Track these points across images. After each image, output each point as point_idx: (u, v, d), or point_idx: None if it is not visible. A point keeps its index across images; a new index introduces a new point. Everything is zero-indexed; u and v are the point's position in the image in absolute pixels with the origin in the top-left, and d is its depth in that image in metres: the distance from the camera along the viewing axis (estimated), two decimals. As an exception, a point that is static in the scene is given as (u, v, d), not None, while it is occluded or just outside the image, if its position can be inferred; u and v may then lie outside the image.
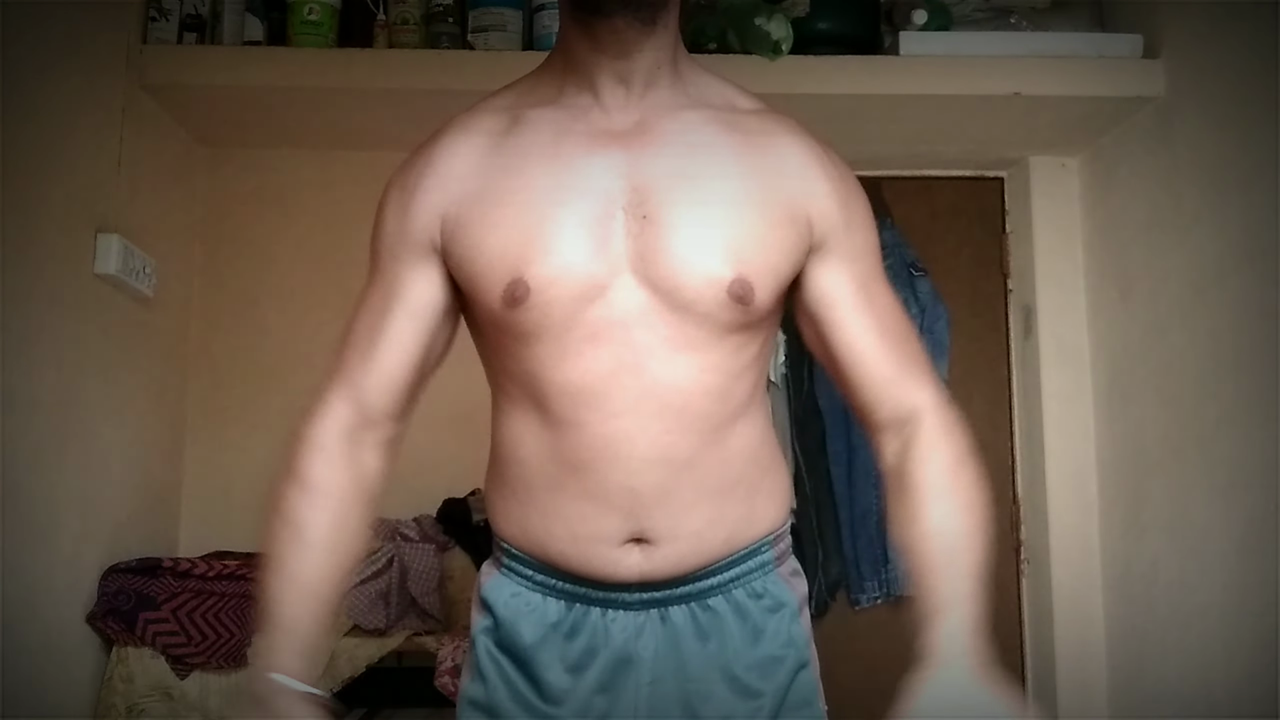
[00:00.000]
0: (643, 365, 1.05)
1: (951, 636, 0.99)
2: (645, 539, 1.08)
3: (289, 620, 1.03)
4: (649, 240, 1.04)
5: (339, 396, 1.10)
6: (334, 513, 1.07)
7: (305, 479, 1.08)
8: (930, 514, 1.05)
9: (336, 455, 1.09)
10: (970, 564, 1.03)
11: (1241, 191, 2.11)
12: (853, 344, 1.10)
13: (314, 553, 1.05)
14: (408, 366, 1.10)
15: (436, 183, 1.08)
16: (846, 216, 1.10)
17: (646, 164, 1.06)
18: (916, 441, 1.08)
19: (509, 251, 1.04)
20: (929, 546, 1.04)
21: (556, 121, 1.09)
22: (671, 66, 1.11)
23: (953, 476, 1.07)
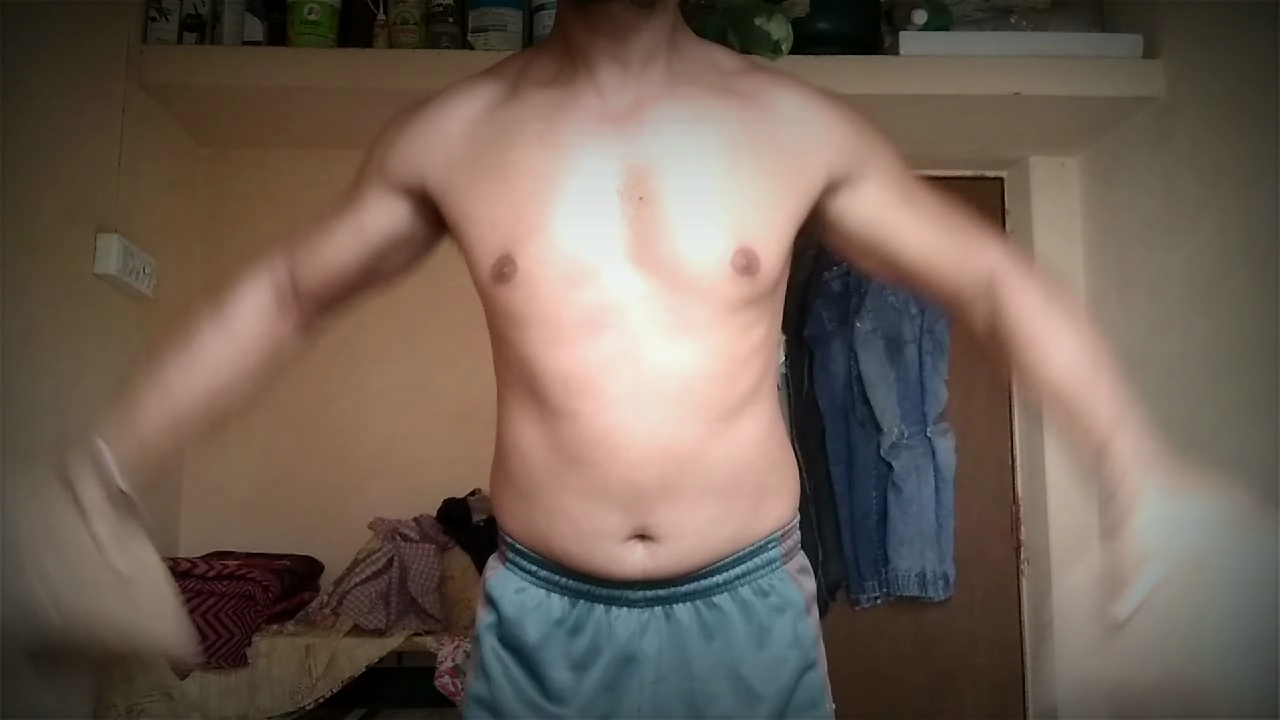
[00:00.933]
0: (640, 352, 1.04)
1: (1136, 453, 0.99)
2: (648, 536, 1.07)
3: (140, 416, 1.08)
4: (647, 221, 1.03)
5: (279, 262, 1.18)
6: (234, 347, 1.14)
7: (223, 310, 1.15)
8: (1054, 353, 1.06)
9: (257, 300, 1.17)
10: (1112, 382, 1.05)
11: (1241, 191, 2.11)
12: (919, 250, 1.13)
13: (198, 374, 1.12)
14: (340, 270, 1.17)
15: (427, 140, 1.12)
16: (863, 141, 1.11)
17: (643, 145, 1.06)
18: (1007, 295, 1.10)
19: (498, 227, 1.05)
20: (1070, 384, 1.05)
21: (552, 100, 1.09)
22: (669, 46, 1.11)
23: (1055, 312, 1.09)
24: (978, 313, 1.13)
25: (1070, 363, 1.06)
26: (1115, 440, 1.00)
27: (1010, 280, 1.10)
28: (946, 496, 2.72)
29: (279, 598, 2.31)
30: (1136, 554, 0.93)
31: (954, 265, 1.13)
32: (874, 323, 2.75)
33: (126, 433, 1.07)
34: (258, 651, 2.21)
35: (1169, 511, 0.94)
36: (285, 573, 2.37)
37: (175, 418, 1.10)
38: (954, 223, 1.14)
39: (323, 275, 1.17)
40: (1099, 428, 1.02)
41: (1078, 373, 1.05)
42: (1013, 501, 2.83)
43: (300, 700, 2.19)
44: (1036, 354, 1.07)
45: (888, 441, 2.71)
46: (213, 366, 1.12)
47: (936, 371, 2.76)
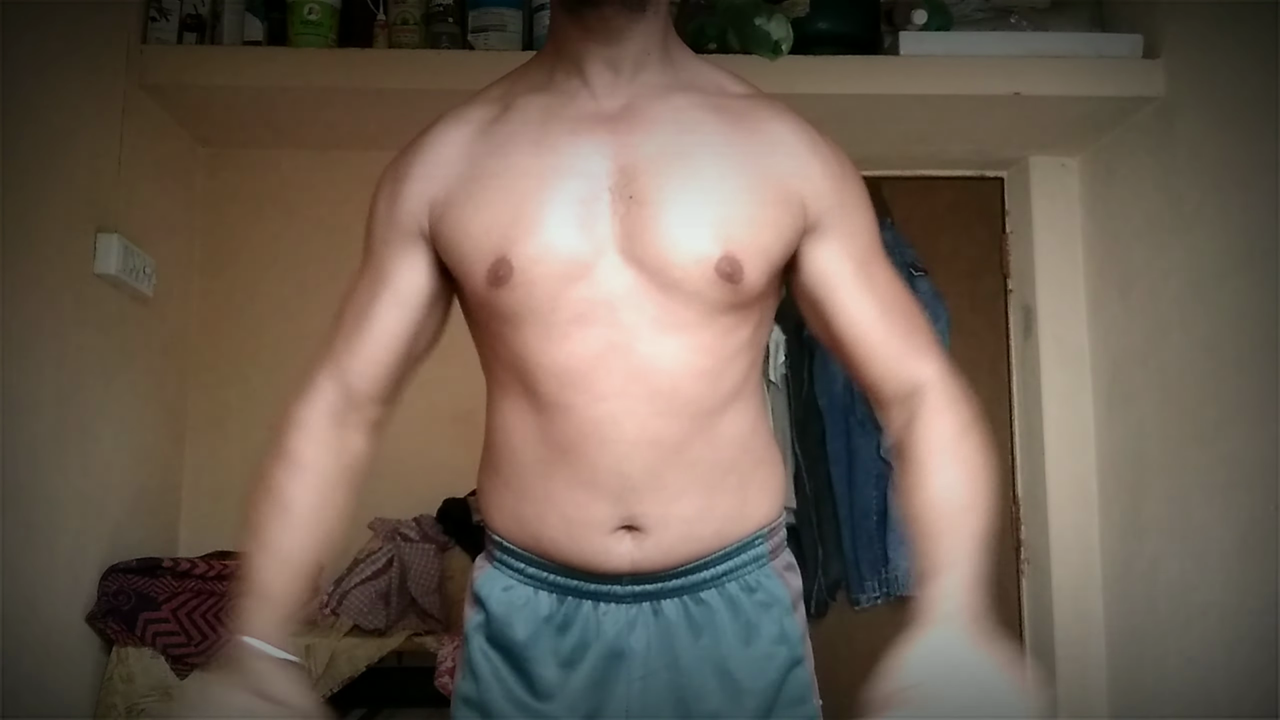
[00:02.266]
0: (630, 346, 1.04)
1: (947, 595, 0.99)
2: (636, 526, 1.08)
3: (268, 589, 1.05)
4: (635, 220, 1.04)
5: (326, 378, 1.13)
6: (318, 490, 1.10)
7: (292, 457, 1.10)
8: (932, 483, 1.06)
9: (322, 435, 1.12)
10: (971, 527, 1.04)
11: (1241, 191, 2.11)
12: (855, 324, 1.10)
13: (297, 527, 1.08)
14: (393, 351, 1.13)
15: (425, 171, 1.10)
16: (841, 196, 1.10)
17: (633, 146, 1.06)
18: (920, 415, 1.09)
19: (493, 231, 1.05)
20: (930, 514, 1.04)
21: (545, 106, 1.10)
22: (661, 51, 1.11)
23: (955, 446, 1.08)
24: (893, 418, 1.12)
25: (940, 497, 1.05)
26: (939, 575, 1.01)
27: (932, 402, 1.09)
28: (946, 496, 2.72)
29: (279, 598, 2.31)
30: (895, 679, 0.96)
31: (884, 360, 1.11)
32: (874, 323, 2.74)
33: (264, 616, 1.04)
34: (258, 651, 2.21)
35: (943, 653, 0.96)
36: (285, 573, 2.36)
37: (297, 573, 1.08)
38: (902, 319, 1.11)
39: (376, 368, 1.13)
40: (933, 560, 1.02)
41: (942, 507, 1.05)
42: (1013, 501, 2.83)
43: (300, 700, 2.19)
44: (918, 479, 1.07)
45: (888, 441, 2.71)
46: (306, 515, 1.09)
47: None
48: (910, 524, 1.07)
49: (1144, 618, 2.46)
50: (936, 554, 1.02)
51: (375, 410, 1.15)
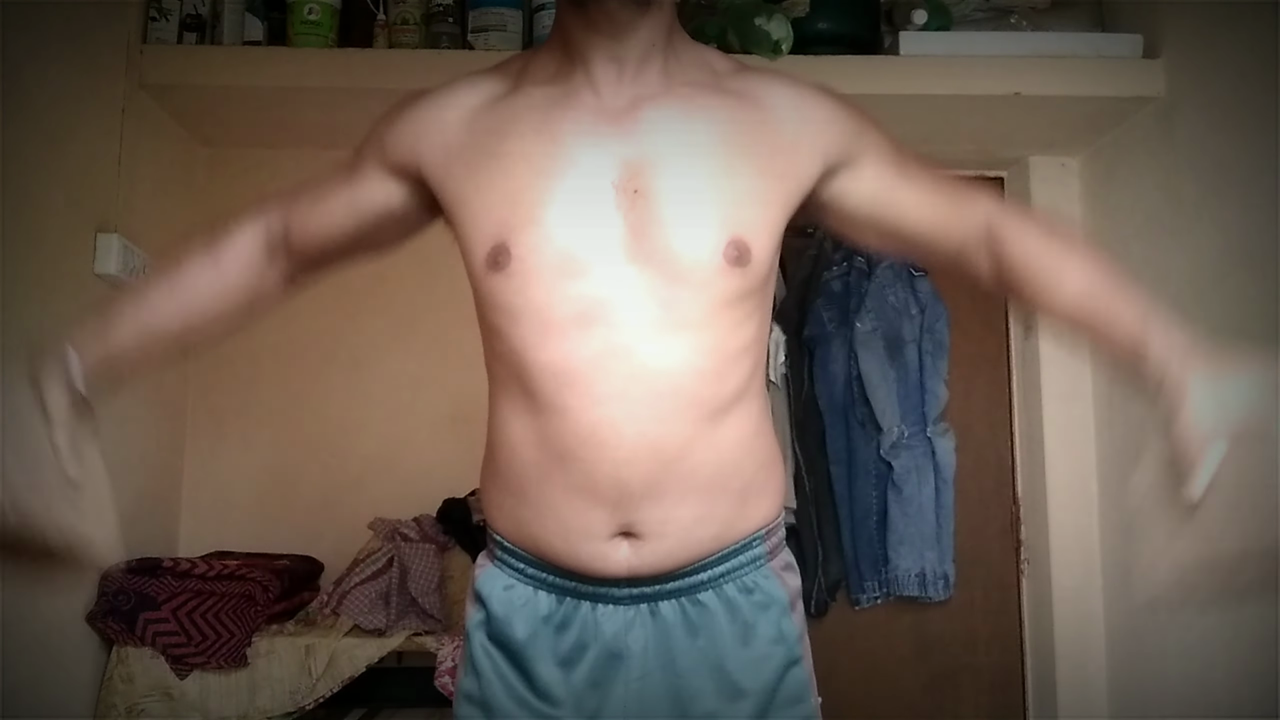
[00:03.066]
0: (631, 347, 1.04)
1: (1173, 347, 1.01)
2: (633, 533, 1.07)
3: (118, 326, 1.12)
4: (641, 214, 1.04)
5: (275, 213, 1.22)
6: (216, 281, 1.18)
7: (215, 247, 1.20)
8: (1066, 276, 1.11)
9: (247, 247, 1.20)
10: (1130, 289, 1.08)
11: (1241, 191, 2.11)
12: (920, 218, 1.17)
13: (182, 301, 1.16)
14: (331, 233, 1.20)
15: (427, 127, 1.14)
16: (856, 126, 1.15)
17: (638, 141, 1.07)
18: (1007, 240, 1.14)
19: (492, 214, 1.07)
20: (1089, 297, 1.09)
21: (549, 97, 1.11)
22: (666, 46, 1.12)
23: (1056, 243, 1.13)
24: (983, 263, 1.17)
25: (1085, 280, 1.09)
26: (1149, 339, 1.03)
27: (1007, 224, 1.15)
28: (946, 496, 2.72)
29: (279, 598, 2.31)
30: (1197, 437, 0.94)
31: (953, 225, 1.17)
32: (874, 323, 2.75)
33: (98, 341, 1.11)
34: (258, 651, 2.21)
35: (1218, 391, 0.96)
36: (285, 573, 2.37)
37: (148, 334, 1.15)
38: (947, 186, 1.19)
39: (313, 236, 1.21)
40: (1129, 332, 1.05)
41: (1094, 288, 1.09)
42: (1013, 501, 2.83)
43: (300, 700, 2.20)
44: (1050, 280, 1.11)
45: (888, 441, 2.71)
46: (194, 295, 1.17)
47: (936, 371, 2.76)
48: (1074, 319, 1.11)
49: (1144, 618, 2.46)
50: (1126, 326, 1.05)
51: (297, 263, 1.22)
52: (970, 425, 2.83)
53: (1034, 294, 1.13)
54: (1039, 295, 1.13)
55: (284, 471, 2.67)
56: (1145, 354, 1.02)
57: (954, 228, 1.17)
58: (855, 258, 2.81)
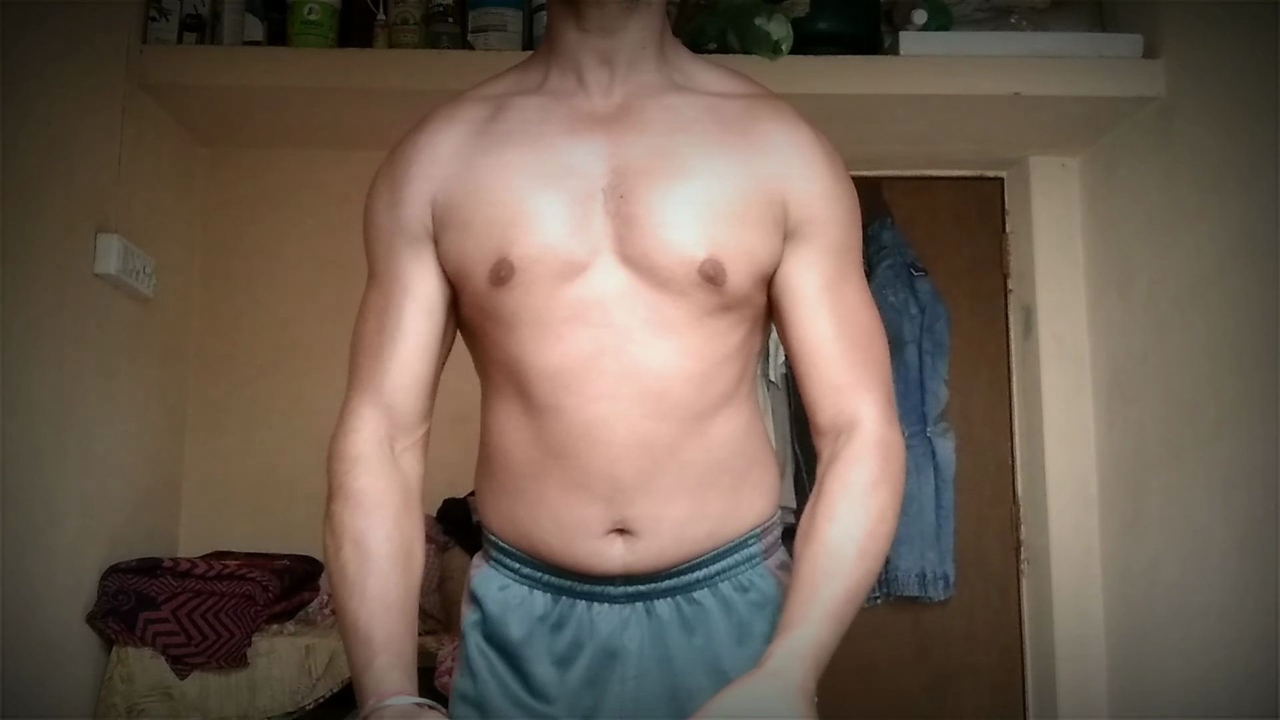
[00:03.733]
0: (622, 348, 1.05)
1: (789, 652, 0.95)
2: (627, 529, 1.08)
3: (384, 640, 1.01)
4: (626, 219, 1.04)
5: (367, 406, 1.10)
6: (392, 524, 1.05)
7: (355, 496, 1.05)
8: (827, 531, 1.02)
9: (378, 466, 1.07)
10: (842, 588, 0.99)
11: (1241, 191, 2.11)
12: (806, 341, 1.08)
13: (384, 567, 1.03)
14: (427, 362, 1.10)
15: (423, 170, 1.09)
16: (826, 208, 1.08)
17: (627, 146, 1.06)
18: (843, 454, 1.05)
19: (494, 232, 1.05)
20: (811, 563, 1.01)
21: (540, 106, 1.10)
22: (657, 48, 1.11)
23: (863, 498, 1.03)
24: (822, 448, 1.09)
25: (827, 550, 1.01)
26: (791, 630, 0.97)
27: (858, 446, 1.05)
28: (946, 496, 2.72)
29: (279, 598, 2.31)
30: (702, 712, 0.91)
31: (825, 386, 1.07)
32: (874, 323, 2.74)
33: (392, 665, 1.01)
34: (258, 651, 2.21)
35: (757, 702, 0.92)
36: (285, 573, 2.37)
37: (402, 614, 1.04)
38: (857, 349, 1.08)
39: (415, 384, 1.10)
40: (794, 614, 0.98)
41: (825, 560, 1.01)
42: (1013, 501, 2.83)
43: (300, 700, 2.20)
44: (816, 522, 1.03)
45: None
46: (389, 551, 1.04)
47: (936, 371, 2.76)
48: (795, 562, 1.03)
49: (1144, 618, 2.46)
50: (800, 606, 0.99)
51: (421, 428, 1.12)
52: (970, 425, 2.83)
53: (806, 514, 1.05)
54: (805, 518, 1.05)
55: (284, 471, 2.66)
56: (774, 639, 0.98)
57: (825, 389, 1.07)
58: (855, 258, 2.81)
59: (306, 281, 2.74)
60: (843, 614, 0.99)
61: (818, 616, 0.98)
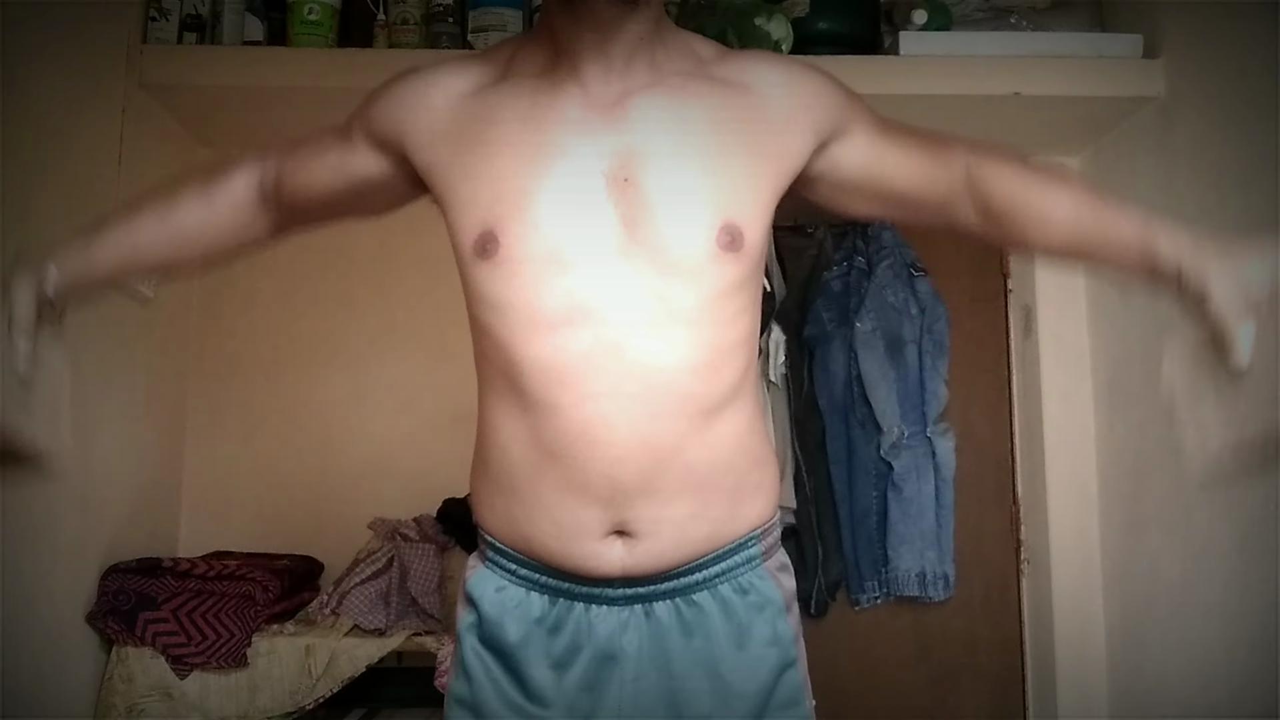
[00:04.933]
0: (622, 343, 1.04)
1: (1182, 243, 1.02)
2: (627, 532, 1.07)
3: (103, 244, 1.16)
4: (632, 204, 1.04)
5: (270, 163, 1.23)
6: (205, 213, 1.20)
7: (210, 183, 1.21)
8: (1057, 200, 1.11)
9: (240, 188, 1.21)
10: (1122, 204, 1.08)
11: (1241, 192, 2.11)
12: (909, 175, 1.18)
13: (165, 222, 1.19)
14: (319, 191, 1.21)
15: (408, 104, 1.14)
16: (842, 99, 1.17)
17: (627, 131, 1.07)
18: (989, 177, 1.14)
19: (478, 202, 1.06)
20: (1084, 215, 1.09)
21: (537, 89, 1.11)
22: (653, 39, 1.12)
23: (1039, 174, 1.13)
24: (969, 211, 1.17)
25: (1075, 204, 1.10)
26: (1156, 240, 1.04)
27: (986, 168, 1.15)
28: (946, 496, 2.72)
29: (279, 598, 2.31)
30: (1233, 309, 0.97)
31: (939, 179, 1.17)
32: (874, 323, 2.75)
33: (80, 255, 1.15)
34: (258, 651, 2.21)
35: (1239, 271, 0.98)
36: (285, 573, 2.37)
37: (131, 256, 1.18)
38: (926, 143, 1.19)
39: (302, 191, 1.21)
40: (1133, 239, 1.05)
41: (1086, 209, 1.09)
42: (1013, 501, 2.83)
43: (300, 700, 2.20)
44: (1038, 213, 1.11)
45: (888, 441, 2.71)
46: (182, 226, 1.19)
47: (936, 371, 2.76)
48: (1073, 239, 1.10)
49: (1144, 618, 2.46)
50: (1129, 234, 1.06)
51: (285, 214, 1.23)
52: (970, 425, 2.83)
53: (1024, 231, 1.13)
54: (1030, 231, 1.13)
55: (284, 471, 2.67)
56: (1155, 252, 1.03)
57: (939, 182, 1.17)
58: (855, 258, 2.81)
59: (307, 281, 2.74)
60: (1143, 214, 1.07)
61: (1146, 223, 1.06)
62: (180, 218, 1.20)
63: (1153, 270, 1.04)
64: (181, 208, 1.20)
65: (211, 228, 1.21)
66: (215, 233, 1.22)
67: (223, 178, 1.22)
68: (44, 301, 1.09)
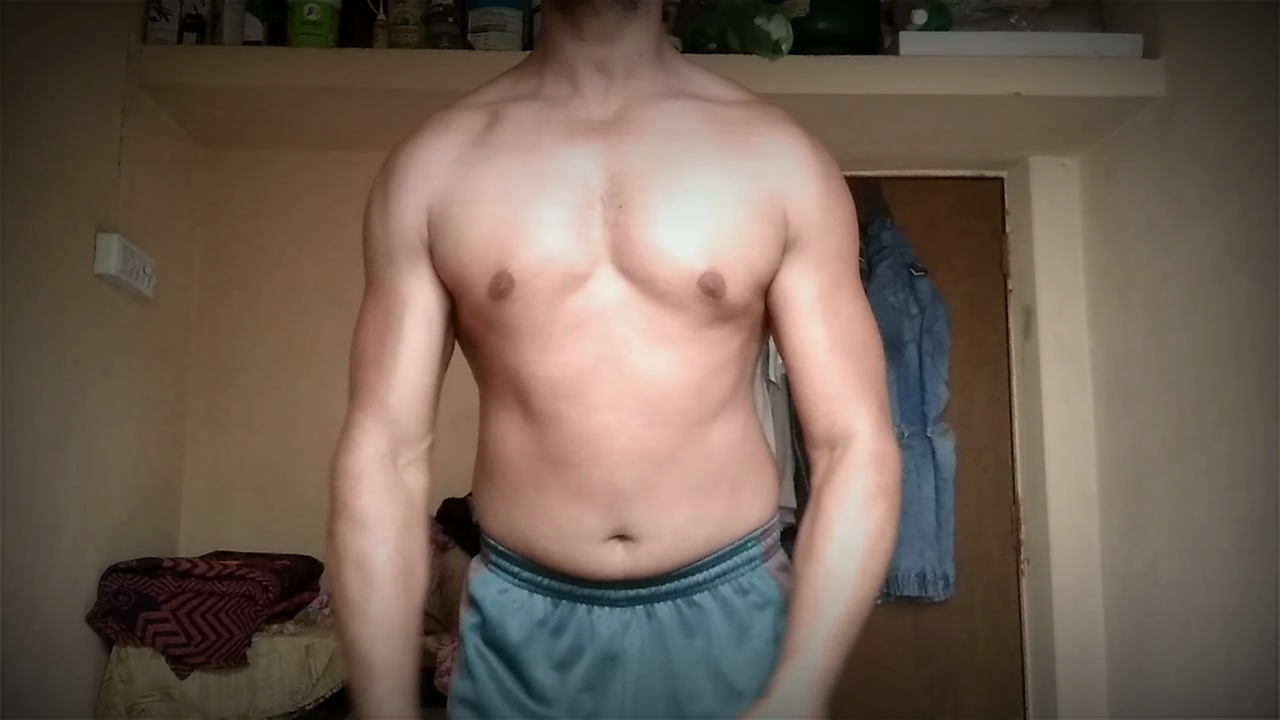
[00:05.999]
0: (622, 358, 1.04)
1: (796, 681, 0.99)
2: (628, 536, 1.08)
3: (384, 663, 1.03)
4: (624, 229, 1.03)
5: (369, 419, 1.09)
6: (394, 543, 1.06)
7: (358, 515, 1.06)
8: (826, 551, 1.03)
9: (381, 483, 1.08)
10: (843, 612, 1.02)
11: (1241, 191, 2.11)
12: (799, 350, 1.08)
13: (387, 589, 1.05)
14: (428, 372, 1.10)
15: (417, 181, 1.08)
16: (823, 217, 1.07)
17: (625, 153, 1.05)
18: (839, 469, 1.06)
19: (491, 245, 1.04)
20: (812, 584, 1.03)
21: (536, 114, 1.09)
22: (654, 55, 1.10)
23: (860, 514, 1.04)
24: (815, 460, 1.10)
25: (827, 570, 1.03)
26: (795, 657, 1.01)
27: (853, 459, 1.06)
28: (946, 496, 2.72)
29: (279, 598, 2.31)
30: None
31: (818, 397, 1.07)
32: (874, 323, 2.74)
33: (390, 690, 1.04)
34: (258, 651, 2.21)
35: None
36: (285, 573, 2.37)
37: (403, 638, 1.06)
38: (852, 359, 1.08)
39: (417, 397, 1.09)
40: (796, 638, 1.02)
41: (825, 580, 1.03)
42: (1013, 501, 2.83)
43: (300, 700, 2.20)
44: (813, 539, 1.05)
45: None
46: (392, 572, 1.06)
47: (936, 371, 2.76)
48: (794, 581, 1.05)
49: (1144, 618, 2.46)
50: (803, 630, 1.01)
51: (425, 440, 1.12)
52: (970, 425, 2.83)
53: (803, 531, 1.06)
54: (803, 536, 1.06)
55: (284, 471, 2.67)
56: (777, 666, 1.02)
57: (817, 402, 1.07)
58: (855, 258, 2.81)
59: (306, 281, 2.74)
60: (846, 635, 1.01)
61: (820, 640, 1.00)
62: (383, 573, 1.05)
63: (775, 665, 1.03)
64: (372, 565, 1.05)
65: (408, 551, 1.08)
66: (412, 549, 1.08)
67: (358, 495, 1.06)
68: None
